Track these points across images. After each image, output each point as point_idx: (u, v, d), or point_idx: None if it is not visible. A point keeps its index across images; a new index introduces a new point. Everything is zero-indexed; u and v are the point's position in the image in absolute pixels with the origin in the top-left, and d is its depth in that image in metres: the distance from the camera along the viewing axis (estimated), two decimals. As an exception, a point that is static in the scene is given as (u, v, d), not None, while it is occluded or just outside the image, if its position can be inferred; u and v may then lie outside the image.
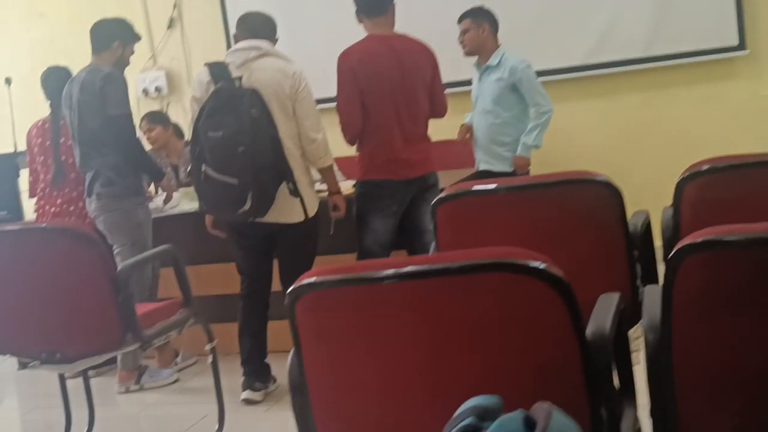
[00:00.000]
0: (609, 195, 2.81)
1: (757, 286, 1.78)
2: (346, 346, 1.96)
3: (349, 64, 4.20)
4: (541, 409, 1.19)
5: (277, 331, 4.57)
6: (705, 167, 2.81)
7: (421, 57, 4.39)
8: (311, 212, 4.10)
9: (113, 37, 4.66)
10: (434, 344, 1.88)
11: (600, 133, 6.17)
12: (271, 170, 3.89)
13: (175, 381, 4.82)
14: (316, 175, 4.28)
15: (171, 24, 7.15)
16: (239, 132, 3.79)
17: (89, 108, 4.47)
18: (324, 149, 4.07)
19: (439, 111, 4.51)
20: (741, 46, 6.01)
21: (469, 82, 5.44)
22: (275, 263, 4.29)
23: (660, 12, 6.07)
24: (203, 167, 3.89)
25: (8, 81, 5.82)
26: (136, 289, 3.93)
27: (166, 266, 4.42)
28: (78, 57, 7.31)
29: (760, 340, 1.80)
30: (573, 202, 2.83)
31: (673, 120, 6.15)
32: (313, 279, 1.94)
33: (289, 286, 4.05)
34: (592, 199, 2.83)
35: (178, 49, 7.10)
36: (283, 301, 4.14)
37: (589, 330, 1.91)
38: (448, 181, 4.40)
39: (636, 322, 2.82)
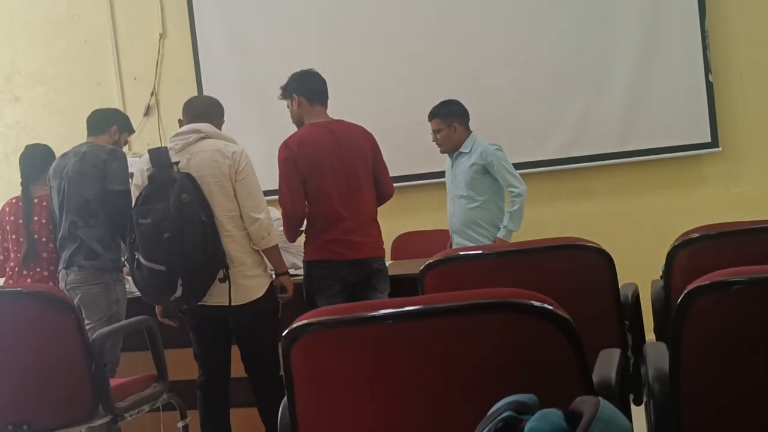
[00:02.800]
0: (601, 261, 2.78)
1: (768, 327, 1.74)
2: (342, 390, 1.88)
3: (289, 153, 4.18)
4: (587, 400, 1.13)
5: (244, 419, 4.49)
6: (696, 235, 2.80)
7: (361, 140, 4.36)
8: (250, 297, 3.96)
9: (111, 122, 4.74)
10: (435, 387, 1.80)
11: (572, 226, 6.18)
12: (202, 256, 3.79)
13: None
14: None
15: (147, 111, 7.17)
16: (165, 218, 3.73)
17: (86, 178, 4.45)
18: (267, 229, 3.97)
19: (385, 194, 4.46)
20: (714, 143, 6.10)
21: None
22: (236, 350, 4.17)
23: (634, 108, 6.16)
24: (136, 255, 3.84)
25: (-18, 160, 5.76)
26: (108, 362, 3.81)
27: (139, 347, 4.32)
28: (51, 142, 7.32)
29: (772, 385, 1.76)
30: (564, 268, 2.80)
31: (645, 213, 6.19)
32: (309, 320, 1.87)
33: (252, 371, 4.04)
34: (584, 265, 2.80)
35: (153, 136, 7.10)
36: (248, 387, 4.09)
37: (595, 378, 1.86)
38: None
39: (628, 393, 2.75)
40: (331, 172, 4.21)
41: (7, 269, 4.87)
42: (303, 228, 4.29)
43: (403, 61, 6.48)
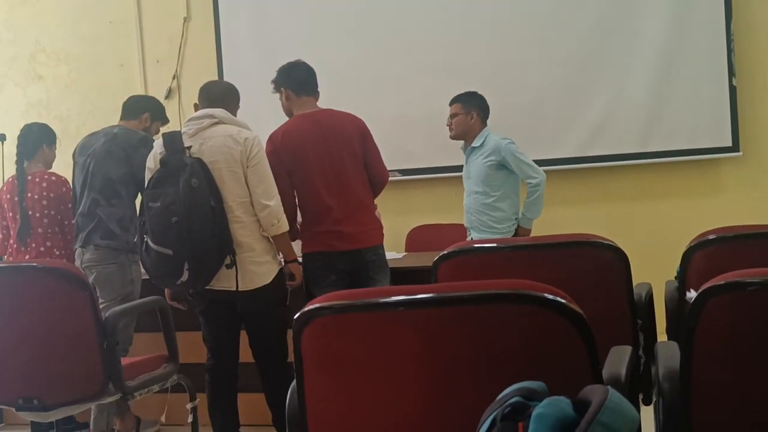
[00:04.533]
0: (616, 259, 2.77)
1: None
2: (352, 375, 1.87)
3: (272, 146, 4.20)
4: (596, 388, 1.13)
5: (250, 404, 4.50)
6: (713, 236, 2.79)
7: (347, 127, 4.34)
8: (258, 283, 3.96)
9: (144, 109, 4.80)
10: (444, 375, 1.80)
11: (589, 224, 6.15)
12: (210, 241, 3.79)
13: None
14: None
15: (168, 94, 7.18)
16: (174, 203, 3.74)
17: (113, 158, 4.51)
18: (276, 216, 3.95)
19: (378, 181, 4.44)
20: (735, 148, 6.06)
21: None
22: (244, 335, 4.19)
23: (655, 109, 6.12)
24: (145, 237, 3.85)
25: (2, 137, 5.80)
26: (121, 340, 3.83)
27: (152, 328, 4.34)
28: (72, 122, 7.40)
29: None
30: (579, 264, 2.79)
31: (663, 215, 6.17)
32: (321, 304, 1.87)
33: (259, 357, 4.04)
34: (599, 262, 2.79)
35: (174, 119, 7.09)
36: (256, 373, 4.10)
37: (605, 373, 1.85)
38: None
39: (637, 392, 2.75)
40: (316, 162, 4.22)
41: (8, 247, 4.92)
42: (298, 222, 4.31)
43: (425, 53, 6.46)
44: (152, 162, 3.96)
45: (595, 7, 6.23)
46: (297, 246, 4.37)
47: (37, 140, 4.96)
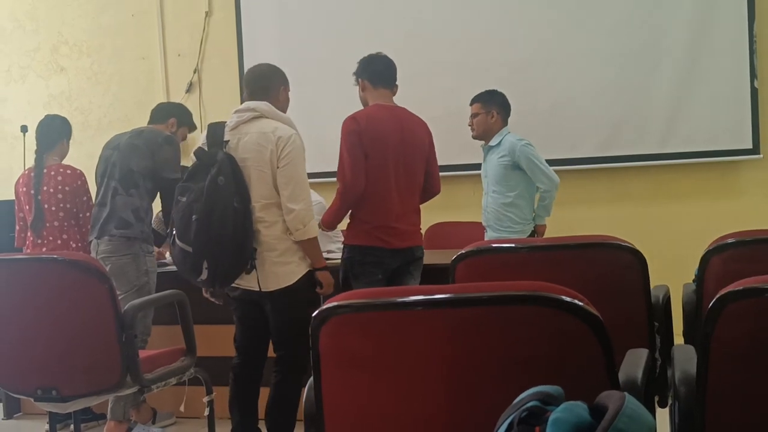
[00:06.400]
0: (634, 261, 2.77)
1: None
2: (368, 373, 1.88)
3: (356, 127, 4.15)
4: (612, 394, 1.14)
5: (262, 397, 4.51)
6: (731, 240, 2.78)
7: (422, 130, 4.42)
8: (280, 284, 3.84)
9: (171, 114, 4.88)
10: (461, 375, 1.81)
11: (607, 225, 6.13)
12: (229, 243, 3.69)
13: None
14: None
15: (189, 88, 7.22)
16: (197, 200, 3.67)
17: (137, 151, 4.56)
18: (302, 221, 3.77)
19: (432, 190, 4.51)
20: (755, 150, 6.04)
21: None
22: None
23: (675, 110, 6.11)
24: (173, 231, 3.81)
25: (24, 129, 5.85)
26: (142, 333, 3.86)
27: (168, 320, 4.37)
28: (93, 114, 7.44)
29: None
30: (596, 265, 2.79)
31: (682, 216, 6.15)
32: (339, 302, 1.88)
33: (278, 351, 4.00)
34: (617, 263, 2.79)
35: (194, 113, 7.13)
36: (267, 366, 4.08)
37: (622, 376, 1.85)
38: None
39: (653, 394, 2.75)
40: (393, 154, 4.23)
41: (26, 239, 4.97)
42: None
43: (444, 51, 6.47)
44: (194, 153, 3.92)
45: (616, 7, 6.22)
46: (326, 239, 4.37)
47: (59, 133, 5.00)
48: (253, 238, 3.79)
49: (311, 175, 4.22)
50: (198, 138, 4.46)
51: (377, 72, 4.37)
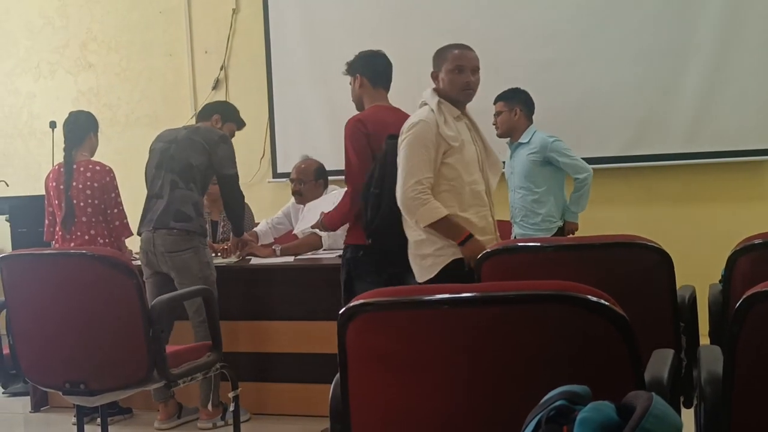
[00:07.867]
0: (660, 261, 2.76)
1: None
2: (394, 371, 1.90)
3: (364, 129, 4.14)
4: (640, 394, 1.14)
5: (284, 393, 4.55)
6: (759, 241, 2.77)
7: None
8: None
9: (214, 111, 4.95)
10: (486, 374, 1.82)
11: (633, 224, 6.11)
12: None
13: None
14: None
15: (216, 85, 7.26)
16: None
17: (196, 146, 4.64)
18: (407, 210, 3.77)
19: None
20: (783, 149, 6.00)
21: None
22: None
23: (703, 109, 6.07)
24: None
25: (53, 124, 5.90)
26: (167, 328, 3.89)
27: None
28: (121, 110, 7.49)
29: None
30: (622, 265, 2.79)
31: (708, 216, 6.12)
32: (366, 300, 1.89)
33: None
34: (643, 263, 2.78)
35: (221, 111, 7.19)
36: (291, 363, 4.10)
37: (647, 376, 1.85)
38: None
39: (679, 394, 2.74)
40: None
41: (55, 233, 5.01)
42: None
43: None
44: None
45: (643, 6, 6.19)
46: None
47: (86, 128, 5.04)
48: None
49: (334, 172, 4.21)
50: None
51: (379, 72, 4.33)
